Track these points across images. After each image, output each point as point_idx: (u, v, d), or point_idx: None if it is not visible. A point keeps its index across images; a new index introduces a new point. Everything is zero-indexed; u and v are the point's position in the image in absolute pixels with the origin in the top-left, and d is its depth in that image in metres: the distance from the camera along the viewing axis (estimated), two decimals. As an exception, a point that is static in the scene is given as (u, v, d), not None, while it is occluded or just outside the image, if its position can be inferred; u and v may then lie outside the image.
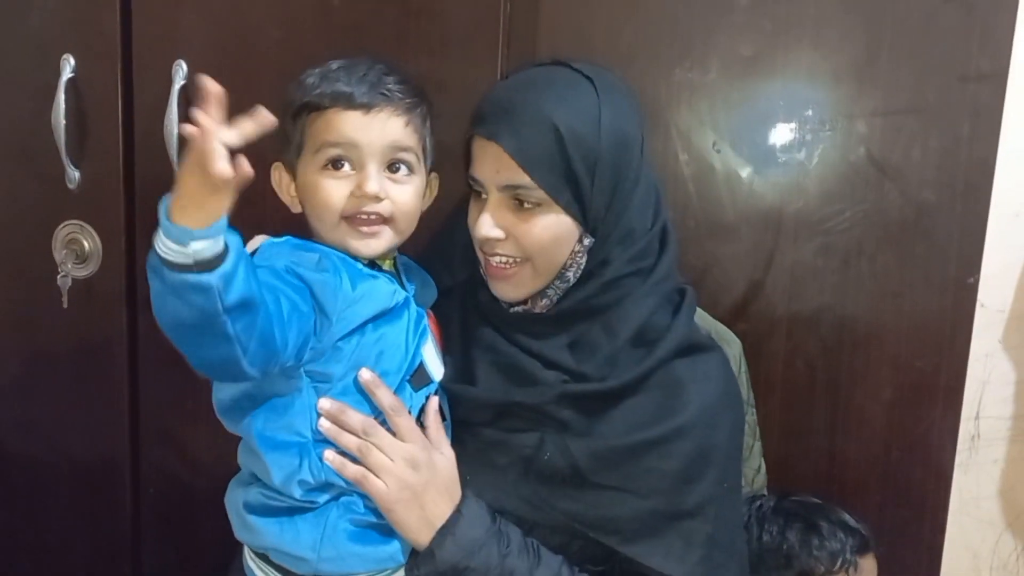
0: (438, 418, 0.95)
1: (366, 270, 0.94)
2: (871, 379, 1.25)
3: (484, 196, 0.96)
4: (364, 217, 0.92)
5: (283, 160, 0.98)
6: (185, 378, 1.35)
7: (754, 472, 1.26)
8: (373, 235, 0.93)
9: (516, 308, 1.00)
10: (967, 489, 1.63)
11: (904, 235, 1.22)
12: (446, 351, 1.02)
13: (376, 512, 0.91)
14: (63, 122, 1.35)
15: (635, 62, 1.21)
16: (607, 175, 0.93)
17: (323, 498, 0.90)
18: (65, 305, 1.42)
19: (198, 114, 0.72)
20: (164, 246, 0.75)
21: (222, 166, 0.71)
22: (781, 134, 1.25)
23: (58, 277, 1.42)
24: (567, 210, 0.93)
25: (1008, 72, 1.14)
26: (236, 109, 1.30)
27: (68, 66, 1.36)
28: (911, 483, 1.27)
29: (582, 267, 0.97)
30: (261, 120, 0.75)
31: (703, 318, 1.20)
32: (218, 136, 0.72)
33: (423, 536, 0.91)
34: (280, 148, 0.97)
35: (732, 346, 1.20)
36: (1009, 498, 1.64)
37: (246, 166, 0.72)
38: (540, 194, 0.93)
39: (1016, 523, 1.65)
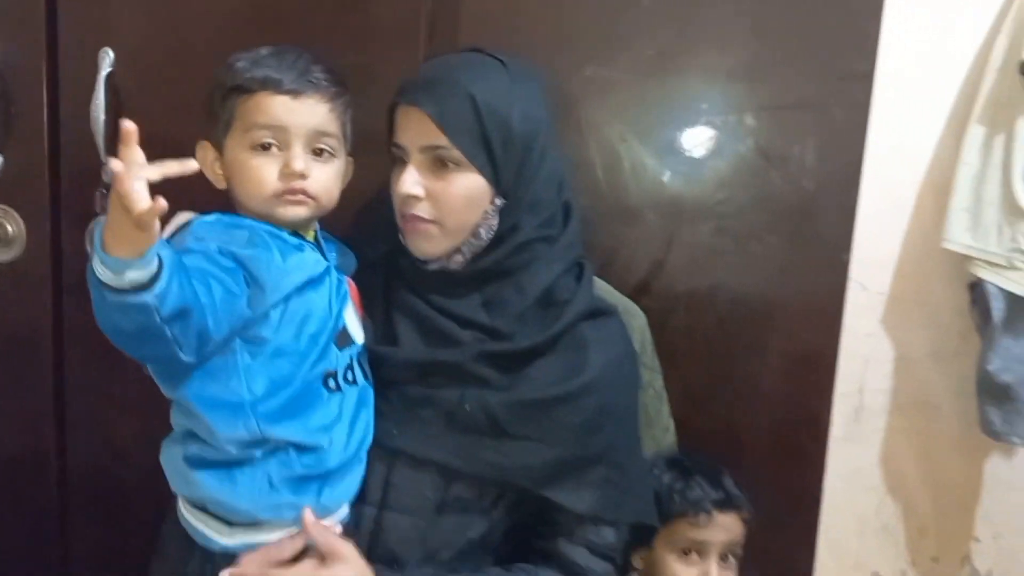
0: (327, 529, 0.99)
1: (292, 241, 1.00)
2: (762, 350, 1.36)
3: (406, 160, 1.04)
4: (291, 195, 0.99)
5: (209, 139, 1.02)
6: (111, 362, 1.40)
7: (663, 431, 1.36)
8: (297, 203, 0.99)
9: (433, 265, 1.07)
10: (852, 458, 1.75)
11: (788, 218, 1.34)
12: (370, 316, 1.09)
13: (309, 465, 0.97)
14: (-13, 107, 1.38)
15: (550, 58, 1.29)
16: (517, 145, 1.03)
17: (259, 452, 0.95)
18: (-12, 287, 1.44)
19: (115, 161, 0.77)
20: (101, 272, 0.81)
21: (142, 206, 0.76)
22: (681, 127, 1.35)
23: (-20, 260, 1.42)
24: (481, 172, 1.02)
25: (875, 72, 1.28)
26: (164, 96, 1.35)
27: (-8, 52, 1.37)
28: (793, 439, 1.39)
29: (494, 228, 1.05)
30: (185, 164, 0.82)
31: (611, 293, 1.29)
32: (138, 176, 0.77)
33: None
34: (207, 127, 1.02)
35: (637, 318, 1.30)
36: (890, 466, 1.75)
37: (162, 203, 0.78)
38: (457, 155, 1.01)
39: (896, 489, 1.77)
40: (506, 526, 1.09)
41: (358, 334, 1.05)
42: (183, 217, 0.99)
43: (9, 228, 1.44)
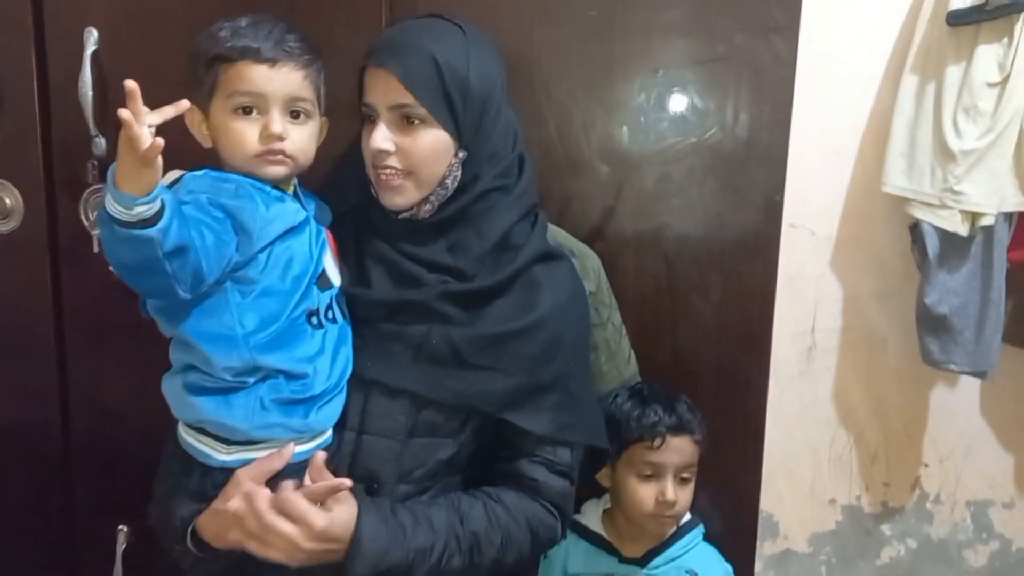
0: (325, 472, 1.10)
1: (275, 193, 1.10)
2: (703, 285, 1.46)
3: (374, 119, 1.14)
4: (271, 155, 1.09)
5: (195, 102, 1.09)
6: (108, 326, 1.52)
7: (625, 363, 1.46)
8: (277, 163, 1.10)
9: (404, 215, 1.18)
10: (806, 394, 1.85)
11: (725, 164, 1.43)
12: (344, 262, 1.19)
13: (296, 390, 1.08)
14: (-21, 88, 1.45)
15: (502, 22, 1.37)
16: (475, 102, 1.13)
17: (251, 379, 1.06)
18: (-10, 259, 1.52)
19: (123, 111, 0.90)
20: (113, 207, 0.93)
21: (147, 144, 0.89)
22: (624, 82, 1.44)
23: (-19, 233, 1.51)
24: (444, 127, 1.12)
25: (799, 24, 1.38)
26: (145, 70, 1.42)
27: (-20, 35, 1.45)
28: (737, 369, 1.49)
29: (458, 179, 1.16)
30: (179, 105, 0.96)
31: (567, 239, 1.39)
32: (143, 121, 0.90)
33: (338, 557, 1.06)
34: (192, 91, 1.11)
35: (592, 260, 1.40)
36: (841, 400, 1.86)
37: (160, 141, 0.91)
38: (423, 112, 1.11)
39: (847, 420, 1.87)
40: (472, 448, 1.21)
41: (336, 277, 1.16)
42: (174, 174, 1.09)
43: (7, 201, 1.52)
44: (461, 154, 1.15)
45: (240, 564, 1.10)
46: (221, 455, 1.09)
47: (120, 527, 1.58)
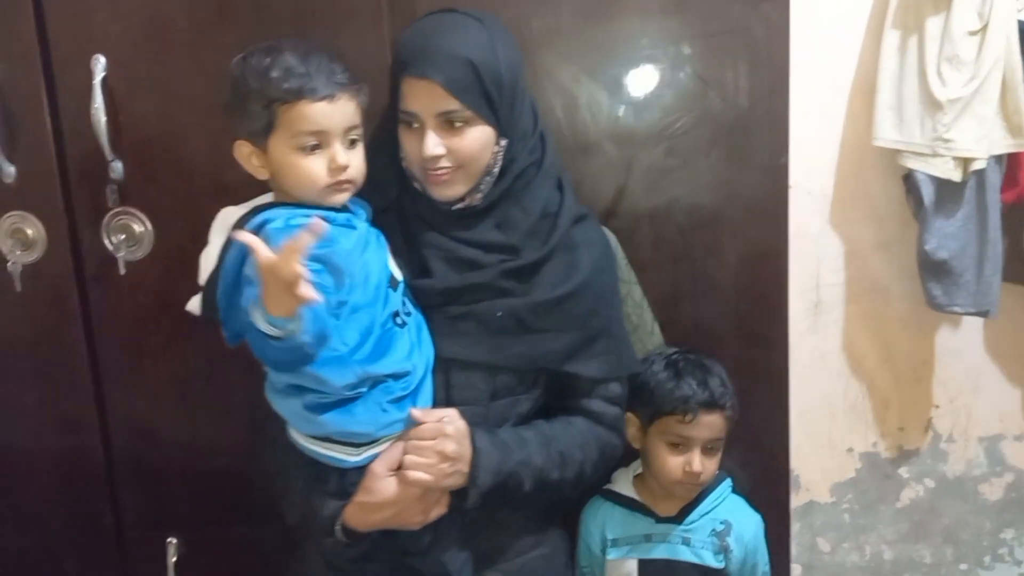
0: (429, 411, 1.21)
1: (341, 219, 1.14)
2: (718, 251, 1.52)
3: (416, 125, 1.19)
4: (338, 185, 1.14)
5: (241, 135, 1.13)
6: (140, 347, 1.55)
7: (649, 335, 1.50)
8: (344, 191, 1.15)
9: (457, 205, 1.25)
10: (816, 348, 1.88)
11: (728, 133, 1.48)
12: (397, 256, 1.25)
13: (405, 387, 1.17)
14: (-8, 123, 1.47)
15: (501, 13, 1.38)
16: (508, 91, 1.19)
17: (366, 388, 1.14)
18: (19, 289, 1.54)
19: (267, 254, 0.98)
20: (266, 327, 1.01)
21: (304, 289, 0.97)
22: (626, 62, 1.49)
23: (8, 265, 1.53)
24: (487, 122, 1.19)
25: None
26: (154, 93, 1.45)
27: (-10, 72, 1.47)
28: (757, 327, 1.55)
29: (500, 164, 1.23)
30: (316, 229, 0.98)
31: None
32: (295, 259, 0.96)
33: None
34: (236, 123, 1.13)
35: (609, 238, 1.45)
36: (851, 351, 1.89)
37: (305, 273, 0.98)
38: (468, 114, 1.17)
39: (858, 370, 1.91)
40: (542, 398, 1.32)
41: (398, 274, 1.23)
42: (248, 206, 1.16)
43: (29, 232, 1.54)
44: (503, 142, 1.22)
45: (380, 539, 1.22)
46: (353, 458, 1.19)
47: (169, 540, 1.62)
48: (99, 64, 1.47)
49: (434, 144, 1.18)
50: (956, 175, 1.66)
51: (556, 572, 1.40)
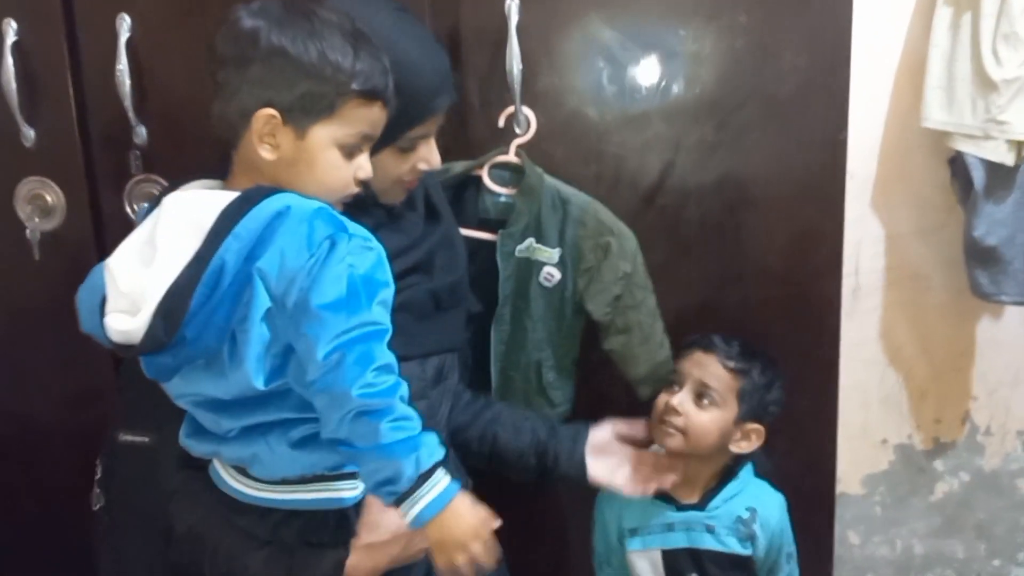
0: None
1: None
2: (768, 232, 1.46)
3: (418, 146, 1.13)
4: (353, 193, 1.03)
5: (277, 108, 0.95)
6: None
7: (659, 346, 1.46)
8: (348, 199, 1.04)
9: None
10: (852, 335, 1.82)
11: (784, 106, 1.42)
12: None
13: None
14: (13, 85, 1.42)
15: None
16: None
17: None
18: (37, 257, 1.49)
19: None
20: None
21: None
22: (678, 31, 1.42)
23: (27, 232, 1.48)
24: None
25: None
26: (180, 54, 1.39)
27: (11, 30, 1.42)
28: (807, 316, 1.49)
29: None
30: None
31: (607, 217, 1.40)
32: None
33: None
34: (262, 87, 0.94)
35: (629, 241, 1.40)
36: (888, 339, 1.86)
37: None
38: None
39: (895, 360, 1.87)
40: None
41: None
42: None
43: (49, 198, 1.49)
44: None
45: None
46: (356, 491, 1.06)
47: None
48: (124, 24, 1.41)
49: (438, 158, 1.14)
50: (1010, 159, 1.61)
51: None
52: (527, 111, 1.40)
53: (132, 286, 0.92)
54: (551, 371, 1.48)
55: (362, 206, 1.10)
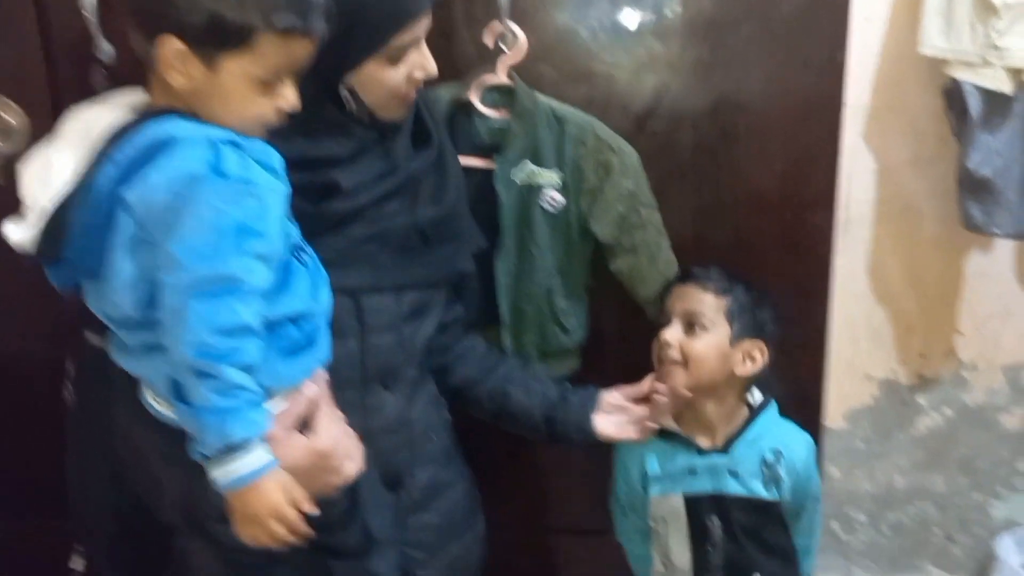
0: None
1: (259, 150, 0.96)
2: (765, 156, 1.42)
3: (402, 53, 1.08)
4: (272, 123, 0.97)
5: (182, 36, 0.89)
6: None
7: (667, 265, 1.44)
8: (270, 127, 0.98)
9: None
10: (842, 269, 1.78)
11: (783, 28, 1.37)
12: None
13: (309, 331, 1.04)
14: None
15: None
16: None
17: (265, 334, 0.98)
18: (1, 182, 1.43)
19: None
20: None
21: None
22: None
23: (-14, 155, 1.42)
24: None
25: None
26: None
27: (-32, -60, 1.35)
28: (801, 244, 1.46)
29: None
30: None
31: (605, 133, 1.35)
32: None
33: None
34: (167, 15, 0.88)
35: (630, 157, 1.36)
36: (876, 272, 1.82)
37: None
38: None
39: (884, 294, 1.84)
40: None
41: None
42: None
43: (11, 120, 1.44)
44: None
45: None
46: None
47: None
48: (88, -66, 1.34)
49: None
50: (1008, 87, 1.57)
51: (477, 504, 1.35)
52: (515, 27, 1.33)
53: (29, 197, 0.92)
54: (563, 298, 1.46)
55: (345, 127, 1.05)
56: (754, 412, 1.40)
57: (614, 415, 1.33)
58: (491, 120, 1.38)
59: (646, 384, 1.34)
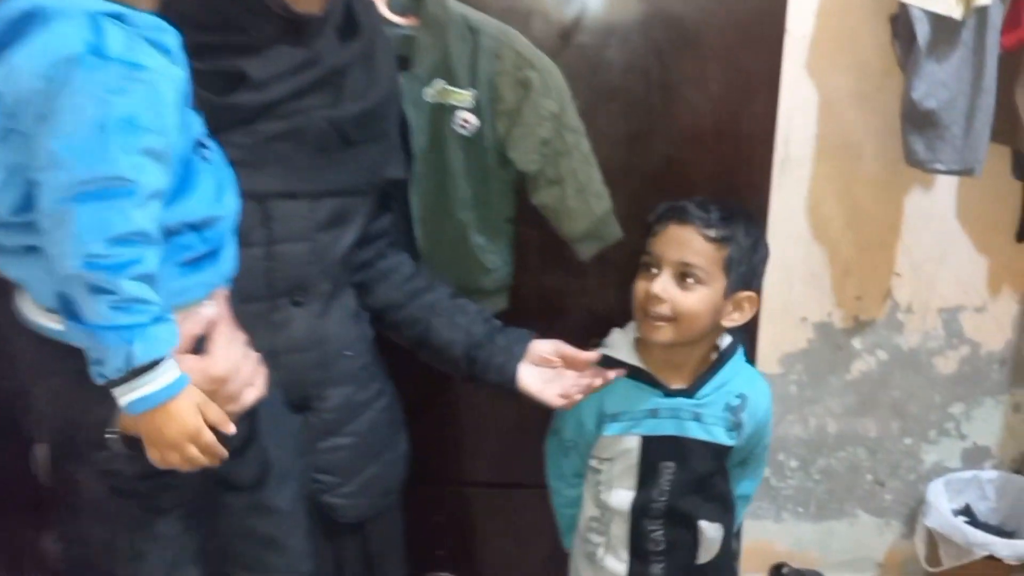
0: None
1: (151, 24, 0.84)
2: (701, 81, 1.31)
3: None
4: None
5: None
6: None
7: (597, 198, 1.31)
8: None
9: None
10: (779, 209, 1.73)
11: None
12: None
13: (211, 239, 0.93)
14: None
15: None
16: None
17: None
18: None
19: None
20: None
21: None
22: None
23: None
24: None
25: None
26: None
27: None
28: (737, 177, 1.36)
29: None
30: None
31: (526, 48, 1.23)
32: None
33: None
34: None
35: (553, 76, 1.24)
36: (815, 213, 1.78)
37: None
38: None
39: (821, 236, 1.80)
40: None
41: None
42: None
43: None
44: None
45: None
46: None
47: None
48: None
49: None
50: (957, 11, 1.50)
51: (398, 422, 1.24)
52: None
53: None
54: (479, 233, 1.34)
55: (266, 13, 0.95)
56: (723, 356, 1.31)
57: (542, 369, 1.21)
58: (398, 28, 1.24)
59: (588, 357, 1.21)
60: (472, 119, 1.25)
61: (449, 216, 1.31)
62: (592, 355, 1.20)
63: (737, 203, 1.22)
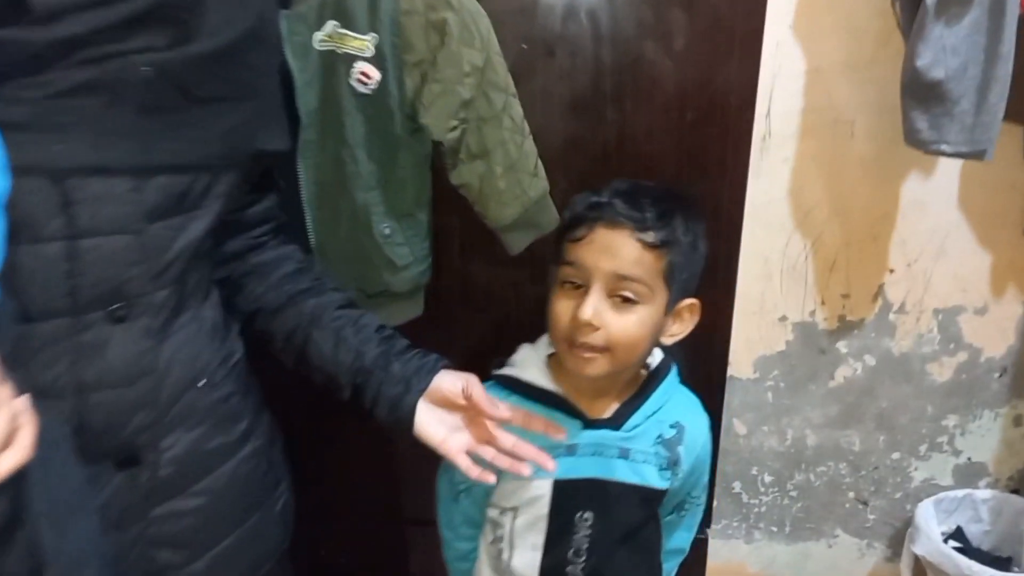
0: None
1: None
2: (662, 31, 1.07)
3: None
4: None
5: None
6: None
7: (531, 176, 1.09)
8: None
9: None
10: (758, 194, 1.60)
11: None
12: None
13: None
14: None
15: None
16: None
17: None
18: None
19: None
20: None
21: None
22: None
23: None
24: None
25: None
26: None
27: None
28: (711, 158, 1.13)
29: None
30: None
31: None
32: None
33: None
34: None
35: (479, 20, 1.04)
36: (798, 198, 1.63)
37: None
38: None
39: (804, 224, 1.64)
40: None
41: None
42: None
43: None
44: None
45: None
46: None
47: None
48: None
49: None
50: (972, -36, 1.26)
51: (276, 471, 1.00)
52: None
53: None
54: (385, 220, 1.11)
55: None
56: (653, 376, 1.06)
57: (444, 412, 0.95)
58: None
59: (499, 415, 0.92)
60: (373, 73, 1.00)
61: (346, 198, 1.07)
62: (504, 414, 0.92)
63: (669, 187, 0.96)
